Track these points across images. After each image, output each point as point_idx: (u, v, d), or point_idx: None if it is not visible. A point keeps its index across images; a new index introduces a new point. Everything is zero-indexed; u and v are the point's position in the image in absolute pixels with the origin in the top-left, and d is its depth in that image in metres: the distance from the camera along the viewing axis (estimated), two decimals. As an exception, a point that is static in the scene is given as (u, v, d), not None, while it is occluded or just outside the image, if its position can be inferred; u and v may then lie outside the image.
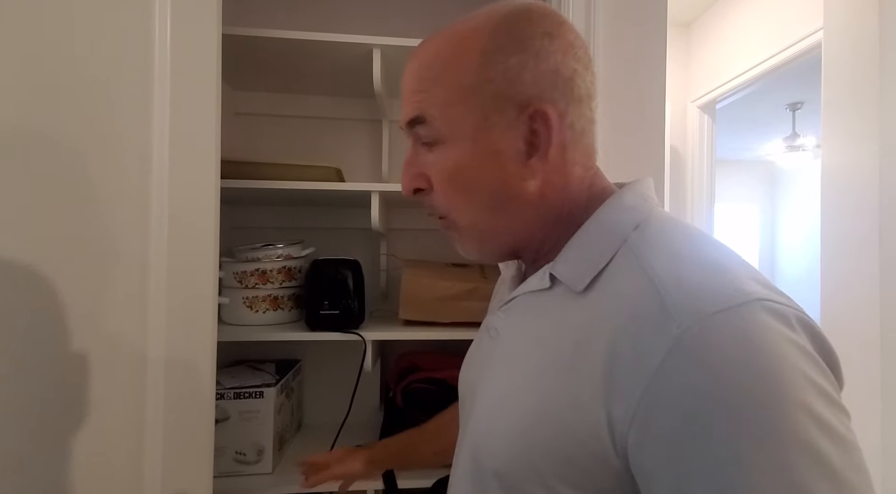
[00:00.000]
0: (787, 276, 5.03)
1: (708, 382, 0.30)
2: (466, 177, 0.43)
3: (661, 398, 0.31)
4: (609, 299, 0.37)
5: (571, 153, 0.43)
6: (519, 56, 0.41)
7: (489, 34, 0.41)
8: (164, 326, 0.67)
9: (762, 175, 5.22)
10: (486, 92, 0.41)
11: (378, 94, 1.02)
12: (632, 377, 0.33)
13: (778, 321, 0.32)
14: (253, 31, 0.92)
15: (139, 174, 0.64)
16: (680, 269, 0.35)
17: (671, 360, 0.31)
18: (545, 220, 0.45)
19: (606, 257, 0.40)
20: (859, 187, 1.30)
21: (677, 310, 0.32)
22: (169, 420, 0.67)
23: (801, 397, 0.30)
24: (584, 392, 0.35)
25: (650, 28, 0.92)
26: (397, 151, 1.24)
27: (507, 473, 0.39)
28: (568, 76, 0.42)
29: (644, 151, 0.90)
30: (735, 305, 0.32)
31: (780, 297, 0.34)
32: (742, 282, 0.34)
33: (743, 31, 2.01)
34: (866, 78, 1.28)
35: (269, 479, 0.92)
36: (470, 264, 1.13)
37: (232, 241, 1.12)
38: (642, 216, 0.42)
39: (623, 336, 0.34)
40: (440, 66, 0.43)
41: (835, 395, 0.31)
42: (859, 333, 1.27)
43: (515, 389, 0.41)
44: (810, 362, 0.31)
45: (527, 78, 0.41)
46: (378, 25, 1.22)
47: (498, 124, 0.41)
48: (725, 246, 0.40)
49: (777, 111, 3.47)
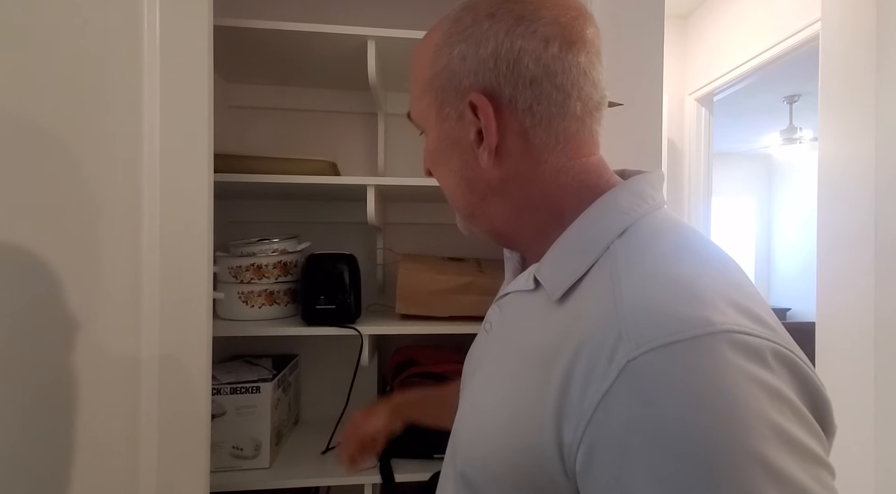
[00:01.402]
0: (783, 268, 5.05)
1: (646, 418, 0.28)
2: (439, 164, 0.46)
3: (602, 429, 0.30)
4: (578, 316, 0.36)
5: (539, 139, 0.40)
6: (460, 45, 0.40)
7: (444, 28, 0.42)
8: (158, 321, 0.66)
9: (759, 168, 5.22)
10: (437, 85, 0.42)
11: (373, 86, 1.01)
12: (581, 404, 0.31)
13: (744, 356, 0.28)
14: (246, 22, 0.91)
15: (129, 169, 0.63)
16: (647, 290, 0.33)
17: (614, 390, 0.29)
18: (523, 210, 0.43)
19: (586, 266, 0.38)
20: (856, 179, 1.30)
21: (630, 338, 0.30)
22: (164, 416, 0.66)
23: (753, 445, 0.26)
24: (542, 409, 0.34)
25: (647, 20, 0.92)
26: (393, 145, 1.23)
27: (470, 475, 0.40)
28: (512, 58, 0.38)
29: (641, 145, 0.90)
30: (692, 336, 0.29)
31: (758, 327, 0.30)
32: (712, 308, 0.30)
33: (740, 23, 2.00)
34: (863, 70, 1.27)
35: (267, 474, 0.92)
36: (466, 258, 1.12)
37: (227, 236, 1.12)
38: (631, 220, 0.39)
39: (579, 359, 0.33)
40: (413, 63, 0.46)
41: (809, 444, 0.28)
42: (854, 324, 1.28)
43: (488, 392, 0.41)
44: (780, 406, 0.28)
45: (468, 66, 0.40)
46: (373, 17, 1.20)
47: (450, 116, 0.42)
48: (716, 257, 0.37)
49: (774, 103, 3.47)
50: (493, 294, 0.98)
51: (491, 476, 0.37)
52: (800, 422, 0.28)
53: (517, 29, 0.38)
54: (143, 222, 0.65)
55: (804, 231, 4.72)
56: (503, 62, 0.39)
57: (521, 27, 0.38)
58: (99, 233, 0.60)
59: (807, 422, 0.29)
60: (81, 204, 0.58)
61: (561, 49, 0.39)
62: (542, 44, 0.38)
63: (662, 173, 0.44)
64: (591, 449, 0.30)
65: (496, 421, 0.38)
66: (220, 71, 1.07)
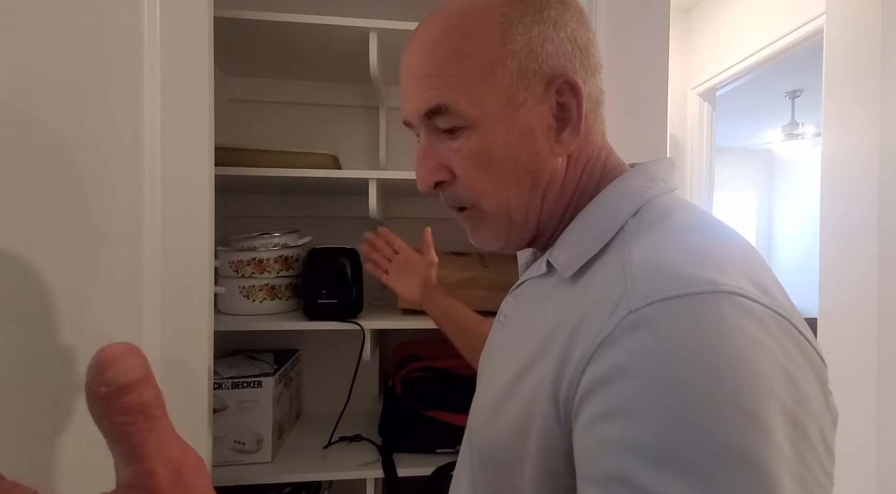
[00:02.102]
0: (783, 264, 5.05)
1: (639, 365, 0.28)
2: (498, 159, 0.40)
3: (599, 375, 0.30)
4: (589, 287, 0.36)
5: (593, 124, 0.43)
6: (539, 26, 0.39)
7: (504, 4, 0.39)
8: (159, 316, 0.66)
9: (760, 164, 5.21)
10: (512, 67, 0.38)
11: (375, 79, 1.00)
12: (578, 355, 0.32)
13: (745, 317, 0.29)
14: (246, 13, 0.90)
15: (130, 162, 0.63)
16: (656, 253, 0.34)
17: (611, 339, 0.30)
18: (566, 196, 0.44)
19: (600, 244, 0.38)
20: (859, 175, 1.29)
21: (633, 292, 0.31)
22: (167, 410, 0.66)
23: (749, 404, 0.26)
24: (547, 372, 0.34)
25: (652, 13, 0.91)
26: (395, 138, 1.23)
27: (487, 455, 0.40)
28: (584, 45, 0.41)
29: (646, 139, 0.89)
30: (696, 292, 0.29)
31: (762, 295, 0.30)
32: (719, 271, 0.30)
33: (744, 18, 1.99)
34: (868, 64, 1.26)
35: (269, 468, 0.92)
36: (469, 252, 1.12)
37: (227, 230, 1.11)
38: (643, 201, 0.39)
39: (585, 320, 0.33)
40: (456, 44, 0.39)
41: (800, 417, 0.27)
42: (857, 320, 1.28)
43: (503, 375, 0.41)
44: (775, 369, 0.28)
45: (549, 49, 0.39)
46: (375, 8, 1.19)
47: (527, 101, 0.39)
48: (728, 232, 0.37)
49: (776, 99, 3.46)
50: (496, 289, 0.99)
51: (507, 453, 0.38)
52: (793, 392, 0.28)
53: (580, 18, 0.41)
54: (143, 216, 0.64)
55: (805, 227, 4.71)
56: (577, 49, 0.40)
57: (583, 19, 0.41)
58: (99, 227, 0.59)
59: (803, 396, 0.28)
60: (81, 198, 0.57)
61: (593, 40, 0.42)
62: (594, 37, 0.42)
63: (672, 160, 0.45)
64: (585, 396, 0.31)
65: (511, 401, 0.38)
66: (220, 64, 1.06)
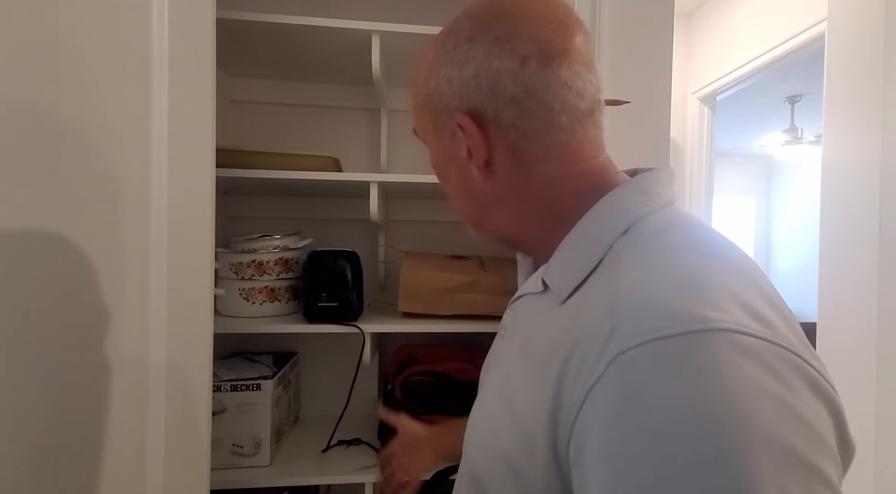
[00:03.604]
0: (782, 268, 5.06)
1: (627, 414, 0.27)
2: (443, 177, 0.48)
3: (588, 421, 0.29)
4: (579, 314, 0.36)
5: (527, 152, 0.41)
6: (446, 68, 0.42)
7: (433, 50, 0.43)
8: (165, 318, 0.65)
9: (759, 168, 5.22)
10: (429, 106, 0.44)
11: (377, 81, 1.00)
12: (572, 397, 0.31)
13: (742, 356, 0.27)
14: (248, 15, 0.90)
15: (139, 163, 0.63)
16: (645, 284, 0.32)
17: (601, 383, 0.29)
18: (523, 218, 0.44)
19: (591, 265, 0.38)
20: (860, 180, 1.29)
21: (623, 330, 0.29)
22: (166, 413, 0.66)
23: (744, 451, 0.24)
24: (542, 405, 0.34)
25: (656, 20, 0.91)
26: (396, 141, 1.22)
27: (478, 476, 0.40)
28: (491, 79, 0.39)
29: (649, 144, 0.89)
30: (685, 332, 0.27)
31: (761, 327, 0.28)
32: (711, 304, 0.29)
33: (744, 23, 1.99)
34: (869, 70, 1.27)
35: (267, 471, 0.91)
36: (469, 256, 1.12)
37: (228, 231, 1.11)
38: (635, 218, 0.38)
39: (574, 356, 0.32)
40: (412, 81, 0.47)
41: (814, 459, 0.25)
42: (857, 325, 1.28)
43: (496, 395, 0.41)
44: (779, 410, 0.26)
45: (454, 89, 0.41)
46: (377, 11, 1.19)
47: (444, 134, 0.44)
48: (726, 252, 0.35)
49: (775, 104, 3.47)
50: (496, 292, 0.99)
51: (497, 478, 0.37)
52: (801, 431, 0.26)
53: (494, 50, 0.39)
54: (151, 217, 0.64)
55: (803, 232, 4.72)
56: (484, 83, 0.40)
57: (498, 48, 0.39)
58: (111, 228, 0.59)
59: (813, 433, 0.26)
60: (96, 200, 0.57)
61: (539, 65, 0.39)
62: (519, 63, 0.39)
63: (672, 170, 0.43)
64: (580, 443, 0.30)
65: (501, 424, 0.38)
66: (221, 65, 1.06)
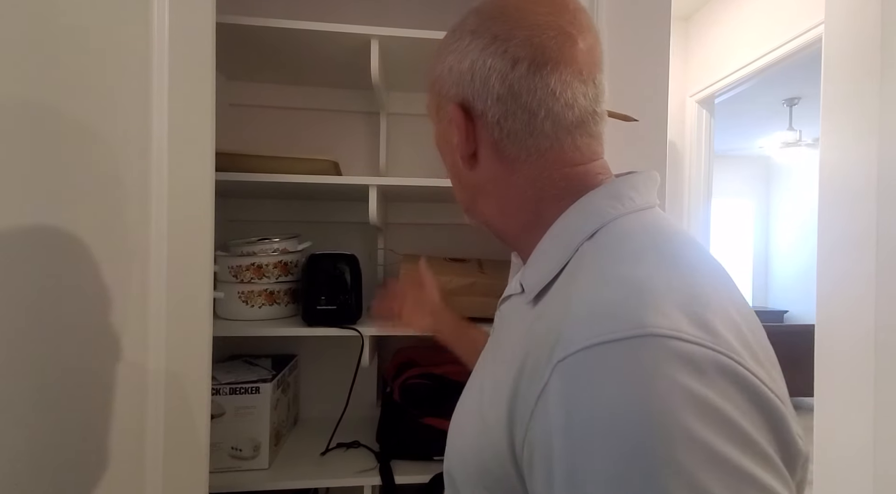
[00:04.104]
0: (781, 270, 5.07)
1: (566, 418, 0.28)
2: (441, 156, 0.49)
3: (537, 428, 0.30)
4: (539, 318, 0.37)
5: (509, 151, 0.41)
6: (449, 57, 0.43)
7: (448, 33, 0.45)
8: (164, 321, 0.66)
9: (758, 170, 5.23)
10: (436, 88, 0.45)
11: (376, 85, 1.00)
12: (527, 401, 0.32)
13: (678, 363, 0.27)
14: (247, 19, 0.90)
15: (139, 167, 0.63)
16: (593, 291, 0.33)
17: (546, 390, 0.30)
18: (505, 210, 0.44)
19: (558, 267, 0.38)
20: (857, 183, 1.30)
21: (566, 337, 0.30)
22: (165, 416, 0.66)
23: (672, 456, 0.25)
24: (502, 408, 0.34)
25: (653, 22, 0.91)
26: (395, 144, 1.23)
27: (453, 475, 0.41)
28: (483, 75, 0.40)
29: (646, 147, 0.89)
30: (620, 338, 0.28)
31: (702, 334, 0.28)
32: (653, 311, 0.29)
33: (742, 25, 2.00)
34: (867, 73, 1.27)
35: (266, 474, 0.91)
36: (468, 258, 1.12)
37: (227, 235, 1.11)
38: (602, 222, 0.38)
39: (530, 356, 0.33)
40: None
41: (739, 461, 0.26)
42: (855, 328, 1.28)
43: (471, 396, 0.42)
44: (708, 417, 0.26)
45: (453, 78, 0.43)
46: (377, 15, 1.19)
47: (444, 118, 0.45)
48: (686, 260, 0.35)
49: (774, 106, 3.48)
50: (494, 295, 0.98)
51: (467, 477, 0.38)
52: (730, 437, 0.26)
53: (490, 47, 0.40)
54: (151, 221, 0.65)
55: (802, 233, 4.73)
56: (477, 78, 0.41)
57: (494, 46, 0.40)
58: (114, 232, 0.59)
59: (743, 438, 0.26)
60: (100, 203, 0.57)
61: (529, 70, 0.39)
62: (510, 64, 0.39)
63: (654, 175, 0.43)
64: (531, 449, 0.31)
65: (472, 424, 0.39)
66: (221, 68, 1.07)
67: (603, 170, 0.43)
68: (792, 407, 0.32)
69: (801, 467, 0.30)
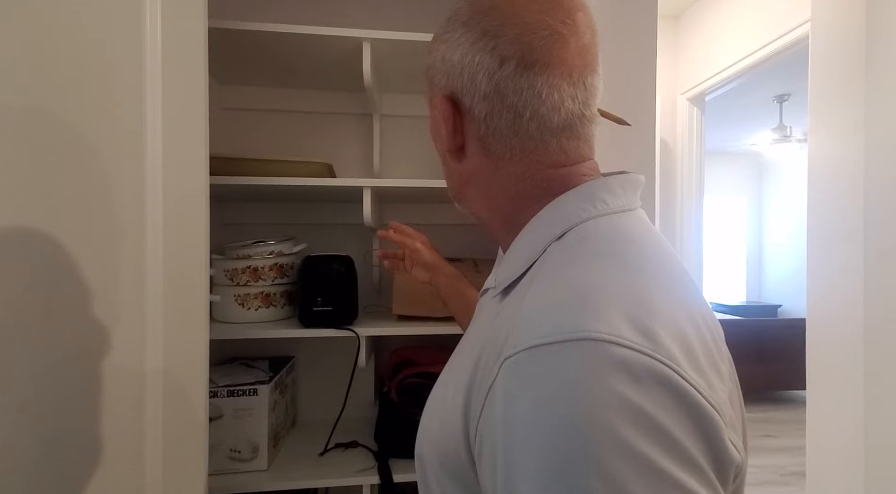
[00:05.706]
0: (773, 265, 5.11)
1: (506, 415, 0.29)
2: (433, 140, 0.48)
3: (484, 423, 0.32)
4: (502, 313, 0.37)
5: (494, 148, 0.41)
6: (442, 47, 0.43)
7: (443, 22, 0.44)
8: (161, 325, 0.66)
9: (749, 166, 5.27)
10: (428, 76, 0.46)
11: (368, 87, 1.01)
12: (479, 396, 0.33)
13: (612, 368, 0.27)
14: (239, 24, 0.91)
15: (134, 172, 0.64)
16: (544, 293, 0.33)
17: (493, 387, 0.31)
18: (489, 204, 0.44)
19: (525, 266, 0.39)
20: (845, 178, 1.32)
21: (514, 336, 0.31)
22: (165, 419, 0.66)
23: (597, 457, 0.26)
24: (461, 402, 0.36)
25: (641, 22, 0.92)
26: (388, 146, 1.24)
27: (423, 460, 0.42)
28: (472, 70, 0.40)
29: (635, 145, 0.90)
30: (558, 340, 0.29)
31: (642, 341, 0.29)
32: (594, 316, 0.29)
33: (731, 23, 2.02)
34: (853, 70, 1.29)
35: (265, 476, 0.92)
36: (463, 258, 1.13)
37: (222, 238, 1.11)
38: (571, 224, 0.38)
39: (484, 351, 0.35)
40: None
41: (664, 466, 0.26)
42: (845, 322, 1.30)
43: (440, 385, 0.43)
44: (636, 422, 0.26)
45: (443, 68, 0.42)
46: (368, 18, 1.20)
47: (435, 106, 0.44)
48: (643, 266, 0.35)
49: (764, 103, 3.51)
50: (489, 295, 0.99)
51: (433, 461, 0.39)
52: (659, 442, 0.26)
53: (479, 42, 0.39)
54: (146, 225, 0.65)
55: (794, 228, 4.77)
56: (465, 72, 0.40)
57: (483, 41, 0.39)
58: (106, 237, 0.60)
59: (672, 444, 0.27)
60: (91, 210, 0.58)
61: (516, 71, 0.38)
62: (498, 62, 0.39)
63: (637, 177, 0.43)
64: (481, 440, 0.32)
65: (438, 411, 0.40)
66: (213, 73, 1.07)
67: (591, 171, 0.42)
68: (737, 413, 0.34)
69: (735, 475, 0.31)
